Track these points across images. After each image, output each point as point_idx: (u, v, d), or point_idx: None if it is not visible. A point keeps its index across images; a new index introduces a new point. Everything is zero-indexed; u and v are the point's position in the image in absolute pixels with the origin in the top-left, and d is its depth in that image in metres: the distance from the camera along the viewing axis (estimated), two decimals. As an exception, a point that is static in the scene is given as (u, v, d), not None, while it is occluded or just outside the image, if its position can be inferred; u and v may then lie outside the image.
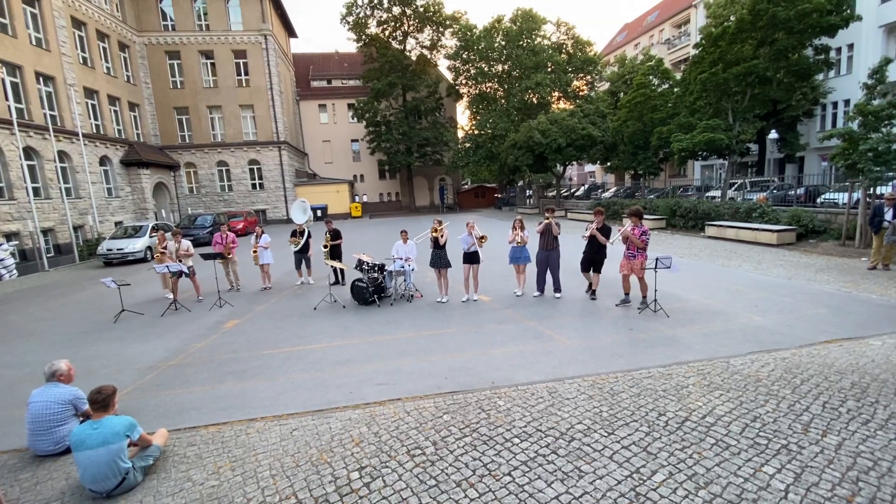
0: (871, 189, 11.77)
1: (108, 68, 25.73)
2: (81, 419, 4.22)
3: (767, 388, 4.67)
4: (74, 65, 22.17)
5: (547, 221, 8.43)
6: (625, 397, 4.61)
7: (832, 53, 23.80)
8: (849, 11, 17.62)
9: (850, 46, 24.33)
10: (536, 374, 5.33)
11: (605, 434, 3.95)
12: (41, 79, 20.22)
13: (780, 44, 17.57)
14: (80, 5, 23.15)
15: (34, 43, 19.92)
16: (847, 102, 23.93)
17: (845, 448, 3.59)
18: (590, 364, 5.54)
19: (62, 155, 20.82)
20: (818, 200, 16.13)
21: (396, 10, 37.32)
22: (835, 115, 25.53)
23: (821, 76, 24.61)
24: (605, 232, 8.20)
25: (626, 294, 8.04)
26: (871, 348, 5.62)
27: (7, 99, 17.74)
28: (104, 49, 25.65)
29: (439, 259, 8.77)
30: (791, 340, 5.99)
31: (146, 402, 5.15)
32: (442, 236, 8.72)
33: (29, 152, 18.93)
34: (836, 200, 15.20)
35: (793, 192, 17.40)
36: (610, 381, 5.00)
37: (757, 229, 14.48)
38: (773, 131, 22.47)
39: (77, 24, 23.17)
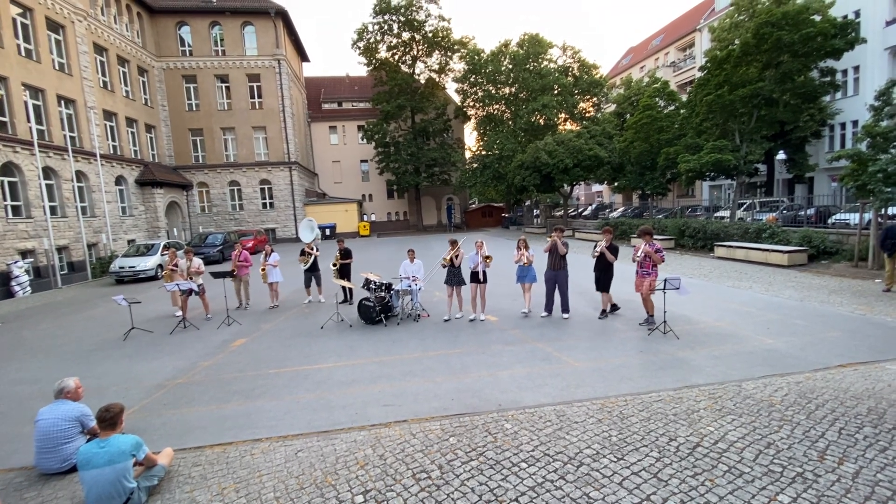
0: (883, 210, 11.66)
1: (126, 92, 26.57)
2: (88, 437, 4.23)
3: (781, 413, 4.56)
4: (95, 88, 22.93)
5: (552, 240, 8.45)
6: (634, 421, 4.53)
7: (838, 75, 23.95)
8: (853, 34, 17.81)
9: (856, 68, 24.44)
10: (544, 396, 5.26)
11: (615, 459, 3.87)
12: (62, 102, 20.91)
13: (786, 66, 17.74)
14: (102, 32, 24.10)
15: (57, 68, 20.68)
16: (855, 123, 23.88)
17: (863, 477, 3.48)
18: (599, 387, 5.46)
19: (79, 175, 21.34)
20: (829, 221, 15.99)
21: (406, 35, 38.31)
22: (843, 136, 25.47)
23: (827, 98, 24.67)
24: (613, 251, 8.23)
25: (650, 313, 7.95)
26: (887, 373, 5.48)
27: (29, 120, 18.32)
28: (124, 73, 26.55)
29: (453, 277, 8.86)
30: (804, 364, 5.88)
31: (152, 420, 5.16)
32: (457, 257, 8.80)
33: (48, 172, 19.43)
34: (847, 221, 15.05)
35: (803, 213, 17.27)
36: (619, 405, 4.92)
37: (767, 250, 14.35)
38: (781, 152, 22.45)
39: (99, 49, 24.07)
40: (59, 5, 20.76)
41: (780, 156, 22.17)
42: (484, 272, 8.62)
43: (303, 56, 41.32)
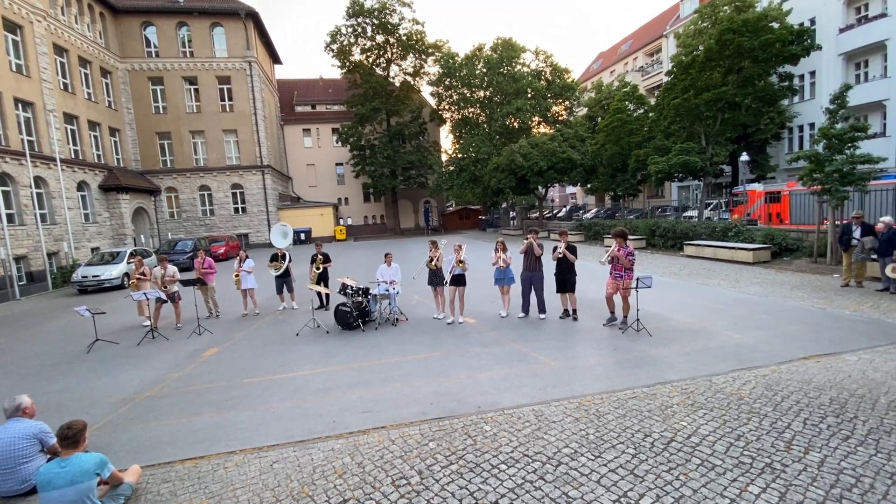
0: (839, 208, 12.24)
1: (89, 94, 25.53)
2: (49, 456, 4.02)
3: (749, 405, 4.72)
4: (55, 90, 21.95)
5: (528, 241, 8.56)
6: (610, 419, 4.60)
7: (796, 80, 25.14)
8: (809, 41, 18.71)
9: (812, 73, 25.66)
10: (522, 397, 5.29)
11: (592, 457, 3.92)
12: (20, 105, 19.93)
13: (747, 71, 18.46)
14: (62, 32, 23.10)
15: (14, 69, 19.70)
16: (812, 126, 25.07)
17: (828, 465, 3.63)
18: (575, 386, 5.53)
19: (38, 181, 20.36)
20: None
21: (380, 38, 38.18)
22: (801, 138, 26.69)
23: (786, 101, 25.83)
24: (572, 251, 8.41)
25: (612, 313, 8.12)
26: (847, 364, 5.74)
27: (-18, 125, 17.41)
28: (86, 75, 25.50)
29: (435, 277, 8.95)
30: (770, 357, 6.10)
31: (118, 436, 4.94)
32: (438, 259, 8.88)
33: (4, 178, 18.47)
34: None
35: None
36: (595, 403, 4.99)
37: (733, 248, 14.87)
38: (745, 153, 23.32)
39: (59, 50, 23.06)
40: (17, 5, 19.82)
41: (744, 157, 23.02)
42: (462, 275, 8.64)
43: (275, 58, 40.62)
